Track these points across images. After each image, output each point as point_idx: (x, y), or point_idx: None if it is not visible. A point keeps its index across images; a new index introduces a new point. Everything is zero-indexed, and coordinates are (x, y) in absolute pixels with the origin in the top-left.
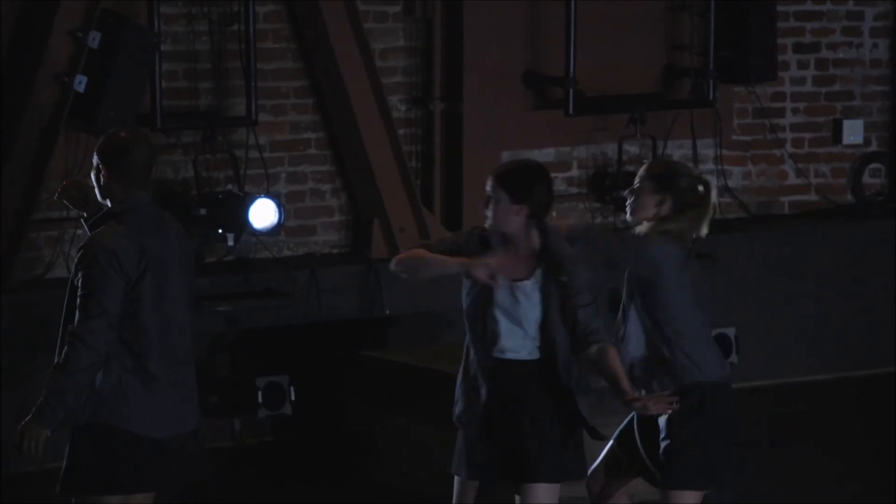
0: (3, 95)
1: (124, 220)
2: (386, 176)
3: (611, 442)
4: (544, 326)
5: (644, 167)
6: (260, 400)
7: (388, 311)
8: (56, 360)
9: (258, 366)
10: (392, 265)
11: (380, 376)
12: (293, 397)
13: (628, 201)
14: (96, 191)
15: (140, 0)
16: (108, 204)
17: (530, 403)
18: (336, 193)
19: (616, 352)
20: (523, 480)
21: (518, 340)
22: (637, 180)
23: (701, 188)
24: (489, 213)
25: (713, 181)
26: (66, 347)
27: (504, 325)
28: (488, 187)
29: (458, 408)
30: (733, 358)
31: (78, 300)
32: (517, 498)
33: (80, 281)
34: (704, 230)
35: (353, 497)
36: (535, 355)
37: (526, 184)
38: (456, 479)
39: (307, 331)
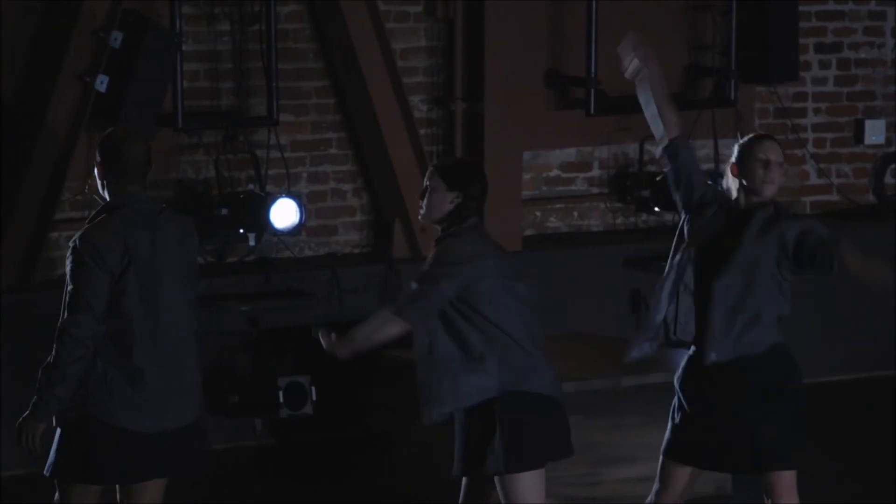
0: (25, 95)
1: (115, 215)
2: (407, 176)
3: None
4: None
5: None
6: (281, 400)
7: None
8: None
9: (279, 366)
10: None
11: (402, 376)
12: (315, 397)
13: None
14: (98, 187)
15: (162, 0)
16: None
17: None
18: (357, 193)
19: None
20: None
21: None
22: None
23: None
24: (423, 202)
25: None
26: (55, 343)
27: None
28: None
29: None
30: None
31: (65, 295)
32: (498, 488)
33: (67, 276)
34: None
35: (374, 497)
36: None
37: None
38: (463, 479)
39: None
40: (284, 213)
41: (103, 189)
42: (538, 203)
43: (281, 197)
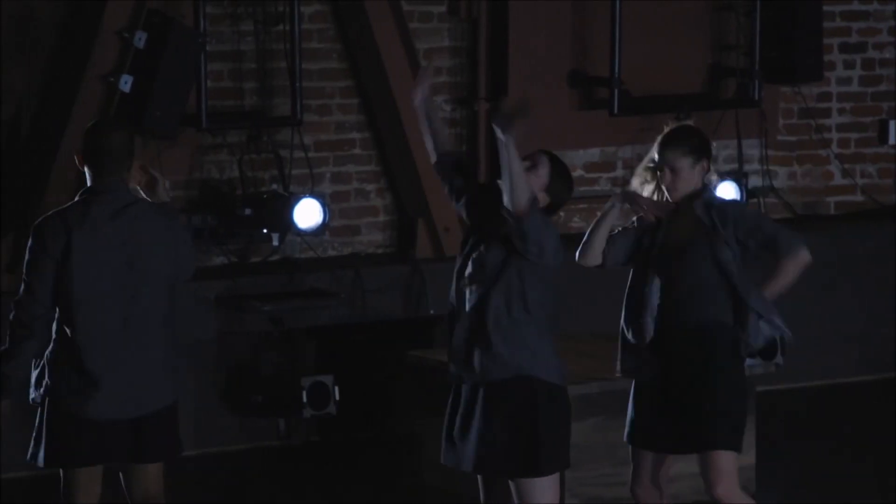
0: (50, 96)
1: (81, 202)
2: (431, 176)
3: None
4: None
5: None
6: (305, 400)
7: (432, 311)
8: None
9: (303, 366)
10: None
11: (424, 376)
12: (338, 397)
13: (666, 181)
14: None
15: (186, 0)
16: None
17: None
18: (381, 193)
19: None
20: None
21: None
22: (664, 158)
23: None
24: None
25: None
26: None
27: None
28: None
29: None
30: (779, 359)
31: None
32: (513, 487)
33: None
34: None
35: (398, 497)
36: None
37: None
38: (479, 477)
39: (352, 331)
40: (308, 213)
41: (87, 178)
42: None
43: (304, 197)
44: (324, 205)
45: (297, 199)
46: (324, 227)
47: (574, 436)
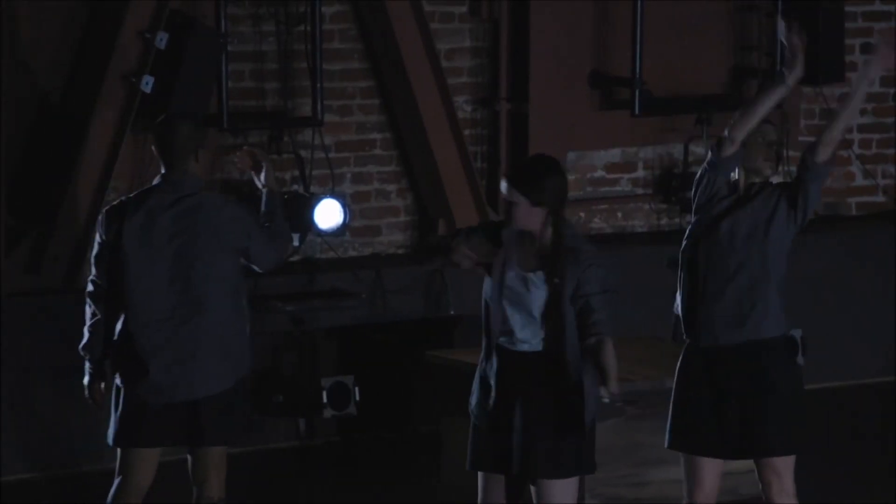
0: (72, 96)
1: (141, 191)
2: (451, 176)
3: None
4: (549, 318)
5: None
6: (325, 400)
7: (452, 312)
8: None
9: (323, 366)
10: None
11: (445, 376)
12: (358, 397)
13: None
14: None
15: (207, 1)
16: None
17: (537, 396)
18: (402, 194)
19: (611, 346)
20: (534, 476)
21: (527, 332)
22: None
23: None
24: (505, 216)
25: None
26: None
27: (513, 315)
28: (504, 190)
29: (472, 399)
30: (800, 359)
31: None
32: (533, 493)
33: None
34: None
35: (418, 497)
36: (540, 347)
37: (540, 181)
38: (479, 475)
39: (372, 331)
40: (329, 214)
41: None
42: (582, 204)
43: (325, 197)
44: (344, 205)
45: (318, 200)
46: (344, 227)
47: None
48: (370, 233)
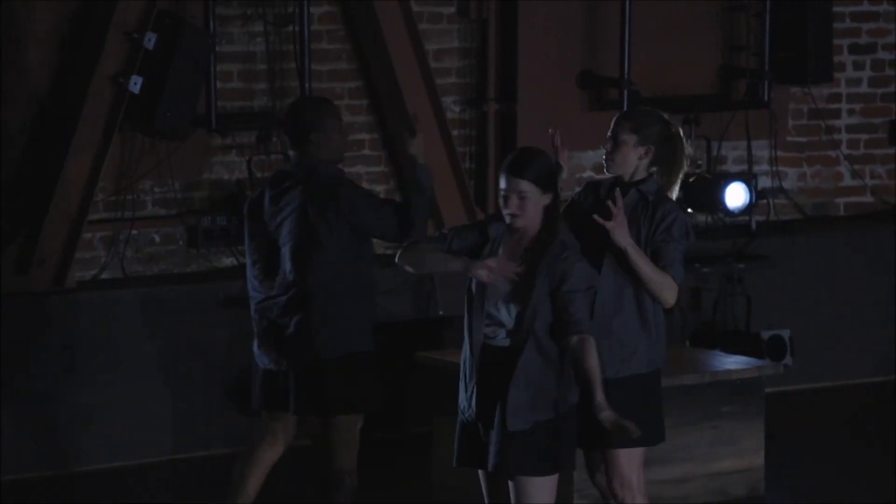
0: (60, 96)
1: (272, 174)
2: (440, 177)
3: None
4: (526, 314)
5: (620, 118)
6: None
7: (442, 312)
8: None
9: None
10: (397, 258)
11: (435, 377)
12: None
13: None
14: None
15: (196, 1)
16: None
17: (512, 392)
18: (390, 194)
19: (595, 346)
20: (508, 474)
21: (505, 328)
22: (613, 132)
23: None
24: (516, 210)
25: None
26: None
27: (495, 310)
28: (505, 183)
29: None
30: (788, 360)
31: None
32: (511, 490)
33: None
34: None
35: (409, 497)
36: (511, 342)
37: (544, 170)
38: (479, 472)
39: None
40: None
41: None
42: None
43: None
44: None
45: None
46: None
47: None
48: None
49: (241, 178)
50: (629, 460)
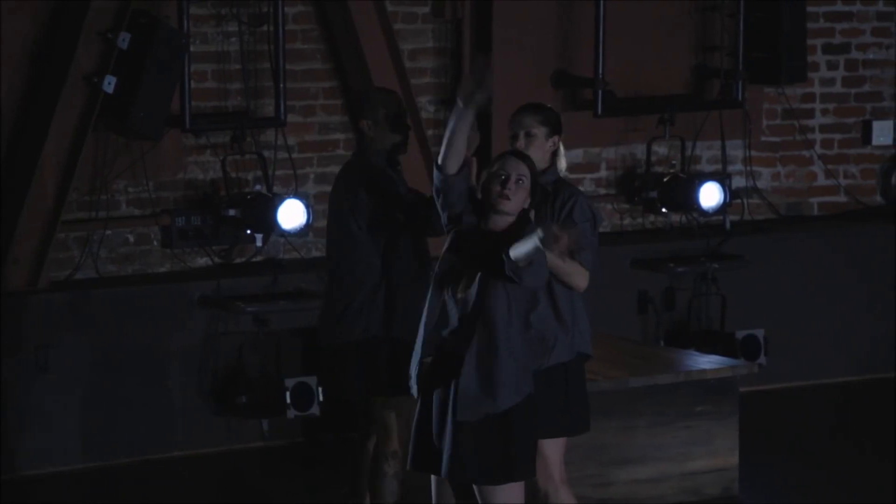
0: (33, 96)
1: None
2: (415, 177)
3: None
4: (482, 307)
5: (526, 113)
6: (289, 400)
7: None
8: None
9: (287, 366)
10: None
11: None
12: (322, 398)
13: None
14: None
15: (170, 1)
16: None
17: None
18: None
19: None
20: (456, 481)
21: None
22: (525, 127)
23: None
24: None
25: None
26: None
27: (450, 298)
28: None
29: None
30: (762, 359)
31: None
32: (477, 492)
33: None
34: None
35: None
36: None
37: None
38: (432, 478)
39: None
40: (292, 214)
41: None
42: None
43: (288, 198)
44: (307, 205)
45: (281, 200)
46: (308, 227)
47: None
48: None
49: (215, 178)
50: (554, 451)
